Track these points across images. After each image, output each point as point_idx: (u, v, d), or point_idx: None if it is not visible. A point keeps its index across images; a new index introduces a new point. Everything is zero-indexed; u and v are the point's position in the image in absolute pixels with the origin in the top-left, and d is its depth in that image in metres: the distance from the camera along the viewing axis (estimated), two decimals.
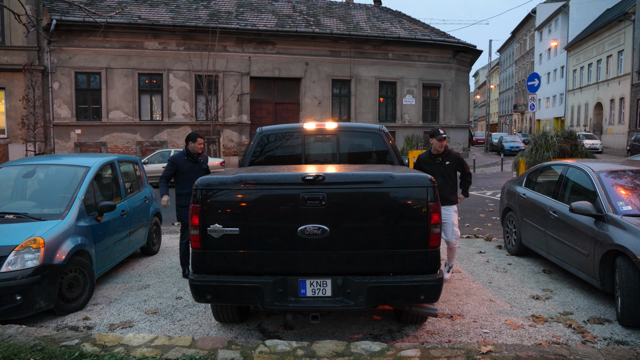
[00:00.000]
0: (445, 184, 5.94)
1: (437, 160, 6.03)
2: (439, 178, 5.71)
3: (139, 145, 21.28)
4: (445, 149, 6.09)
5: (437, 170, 5.90)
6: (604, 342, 4.38)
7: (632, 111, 32.38)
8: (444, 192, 5.79)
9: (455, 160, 6.10)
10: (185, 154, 6.33)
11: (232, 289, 3.75)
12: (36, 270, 4.72)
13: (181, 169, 6.26)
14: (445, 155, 6.06)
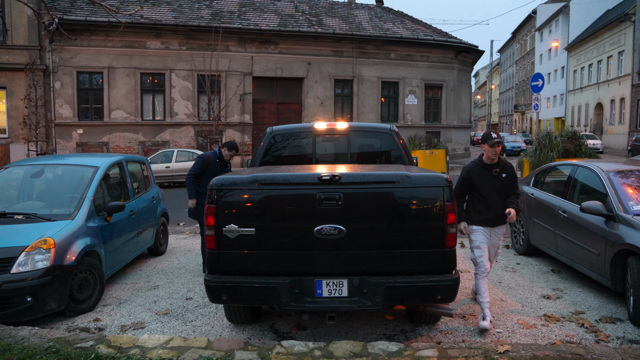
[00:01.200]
0: (500, 201, 4.84)
1: (493, 172, 4.84)
2: (494, 194, 4.80)
3: (141, 145, 21.26)
4: (500, 159, 4.94)
5: (492, 184, 4.82)
6: (617, 342, 4.37)
7: (633, 111, 32.38)
8: (495, 210, 4.80)
9: (512, 172, 4.96)
10: (216, 157, 6.45)
11: (248, 289, 3.73)
12: (47, 271, 4.70)
13: (209, 168, 6.30)
14: (501, 166, 4.91)
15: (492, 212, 4.83)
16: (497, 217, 4.88)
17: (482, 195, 4.82)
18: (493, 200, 4.83)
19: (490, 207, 4.83)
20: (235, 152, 6.46)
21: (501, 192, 4.87)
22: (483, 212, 4.83)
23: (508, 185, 4.90)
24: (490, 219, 4.86)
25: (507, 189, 4.88)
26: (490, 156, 4.85)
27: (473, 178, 4.89)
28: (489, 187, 4.84)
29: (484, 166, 4.93)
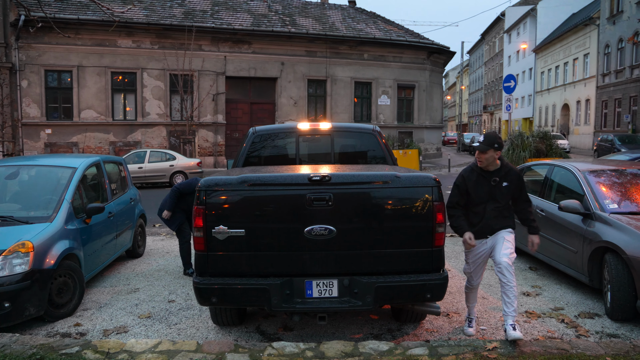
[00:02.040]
0: (497, 210, 4.29)
1: (493, 181, 4.29)
2: (490, 204, 4.27)
3: (112, 146, 20.83)
4: (503, 164, 4.34)
5: (489, 193, 4.29)
6: (596, 336, 4.50)
7: (598, 112, 33.42)
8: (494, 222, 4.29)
9: (516, 181, 4.36)
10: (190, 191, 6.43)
11: (238, 291, 3.70)
12: (26, 275, 4.56)
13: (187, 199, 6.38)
14: (503, 174, 4.31)
15: (483, 223, 4.32)
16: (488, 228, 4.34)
17: (476, 204, 4.33)
18: (486, 210, 4.31)
19: (482, 217, 4.32)
20: None
21: (499, 202, 4.32)
22: (475, 224, 4.34)
23: (507, 195, 4.34)
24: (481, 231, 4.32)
25: (507, 198, 4.35)
26: (489, 162, 4.30)
27: (468, 185, 4.35)
28: (485, 196, 4.30)
29: (480, 173, 4.35)
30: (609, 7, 31.46)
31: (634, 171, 6.09)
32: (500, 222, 4.35)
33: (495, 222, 4.34)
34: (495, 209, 4.33)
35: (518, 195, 4.44)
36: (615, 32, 30.58)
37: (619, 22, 30.18)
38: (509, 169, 4.40)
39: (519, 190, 4.43)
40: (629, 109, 29.04)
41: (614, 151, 22.09)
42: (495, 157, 4.29)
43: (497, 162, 4.34)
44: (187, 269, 6.49)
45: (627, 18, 29.05)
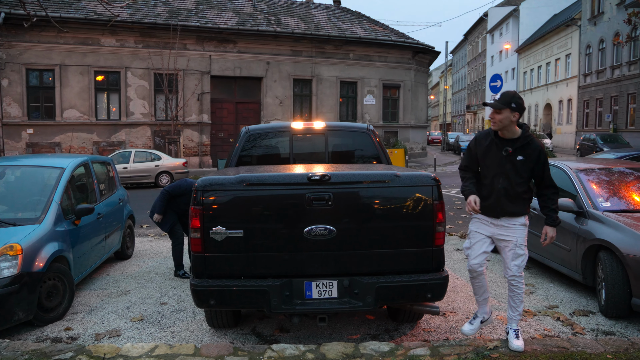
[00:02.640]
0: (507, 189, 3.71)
1: (504, 151, 3.69)
2: (499, 178, 3.71)
3: (95, 146, 20.52)
4: (524, 134, 3.71)
5: (498, 166, 3.72)
6: (592, 334, 4.52)
7: (580, 112, 33.91)
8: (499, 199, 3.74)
9: (536, 157, 3.70)
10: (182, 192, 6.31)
11: (237, 293, 3.63)
12: (14, 279, 4.42)
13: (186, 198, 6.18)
14: (520, 145, 3.68)
15: (493, 200, 3.74)
16: (498, 208, 3.75)
17: (484, 176, 3.84)
18: (495, 186, 3.74)
19: (491, 193, 3.76)
20: None
21: (511, 178, 3.70)
22: (485, 198, 3.81)
23: (521, 172, 3.68)
24: (490, 208, 3.77)
25: (521, 176, 3.69)
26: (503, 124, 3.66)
27: (477, 150, 3.85)
28: (494, 168, 3.73)
29: (494, 139, 3.76)
30: (590, 8, 31.93)
31: (623, 169, 6.15)
32: (512, 206, 3.72)
33: (506, 204, 3.73)
34: (507, 188, 3.71)
35: (540, 175, 3.75)
36: (596, 33, 31.06)
37: (599, 23, 30.65)
38: (529, 141, 3.69)
39: (540, 170, 3.73)
40: (610, 109, 29.52)
41: (596, 150, 22.42)
42: (513, 121, 3.63)
43: (517, 130, 3.69)
44: (178, 270, 6.39)
45: (607, 19, 29.51)
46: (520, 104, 3.66)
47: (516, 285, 3.84)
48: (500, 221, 3.82)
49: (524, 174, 3.72)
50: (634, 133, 26.12)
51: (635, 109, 26.90)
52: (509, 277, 3.84)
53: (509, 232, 3.79)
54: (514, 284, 3.84)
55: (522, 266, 3.83)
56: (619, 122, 28.37)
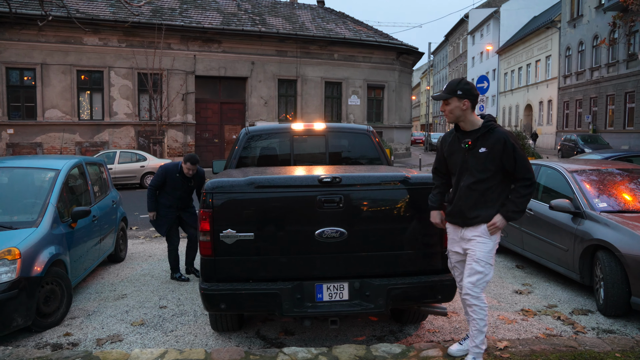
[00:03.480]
0: (469, 187, 3.35)
1: (463, 143, 3.37)
2: (464, 174, 3.37)
3: (78, 146, 20.16)
4: (487, 124, 3.33)
5: (462, 161, 3.39)
6: (593, 332, 4.59)
7: (560, 113, 34.51)
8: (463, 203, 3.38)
9: (501, 147, 3.25)
10: (177, 170, 6.07)
11: (248, 296, 3.59)
12: (13, 284, 4.31)
13: (169, 181, 6.08)
14: (480, 135, 3.31)
15: (457, 206, 3.40)
16: (461, 213, 3.38)
17: (453, 176, 3.53)
18: (459, 186, 3.39)
19: (455, 193, 3.43)
20: (195, 167, 6.02)
21: (475, 175, 3.32)
22: (450, 202, 3.53)
23: (486, 166, 3.28)
24: (455, 214, 3.43)
25: (486, 171, 3.29)
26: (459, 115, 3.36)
27: (444, 149, 3.55)
28: (459, 166, 3.39)
29: (456, 134, 3.46)
30: (569, 11, 32.52)
31: (616, 170, 6.27)
32: (476, 209, 3.31)
33: (468, 207, 3.33)
34: (470, 186, 3.31)
35: (511, 166, 3.26)
36: (575, 35, 31.63)
37: (579, 25, 31.22)
38: (490, 129, 3.29)
39: (511, 160, 3.25)
40: (589, 110, 30.09)
41: (577, 151, 22.83)
42: (465, 110, 3.31)
43: (477, 119, 3.36)
44: (174, 273, 6.30)
45: (587, 22, 30.09)
46: (467, 90, 3.32)
47: (471, 306, 3.33)
48: (465, 232, 3.43)
49: (490, 167, 3.28)
50: (613, 134, 26.68)
51: (614, 110, 27.48)
52: (466, 298, 3.36)
53: (470, 244, 3.39)
54: (468, 305, 3.35)
55: (480, 286, 3.31)
56: (598, 123, 28.94)
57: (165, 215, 6.19)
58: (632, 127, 25.58)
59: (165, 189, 6.11)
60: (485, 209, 3.31)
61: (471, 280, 3.30)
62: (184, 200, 6.18)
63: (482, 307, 3.33)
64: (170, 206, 6.14)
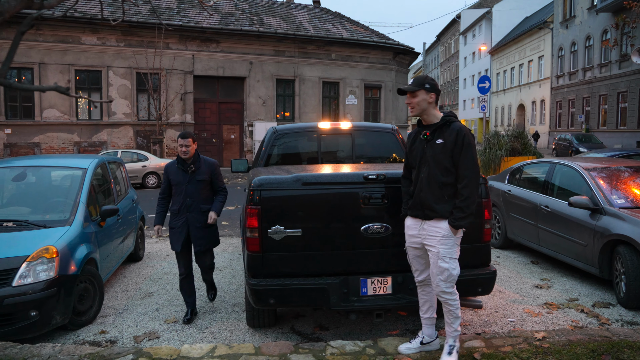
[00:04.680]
0: (428, 178, 3.40)
1: (423, 135, 3.47)
2: (423, 166, 3.44)
3: (76, 146, 20.07)
4: (446, 117, 3.46)
5: (421, 153, 3.46)
6: (617, 324, 4.73)
7: (552, 112, 34.91)
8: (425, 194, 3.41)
9: (454, 137, 3.35)
10: (176, 162, 4.93)
11: (297, 291, 3.68)
12: (52, 282, 4.35)
13: (172, 179, 4.91)
14: (438, 127, 3.42)
15: (418, 197, 3.44)
16: (422, 204, 3.42)
17: (413, 170, 3.58)
18: (419, 177, 3.44)
19: (415, 187, 3.48)
20: (186, 142, 4.76)
21: (431, 166, 3.39)
22: (411, 195, 3.55)
23: (442, 158, 3.36)
24: (416, 206, 3.47)
25: (440, 162, 3.37)
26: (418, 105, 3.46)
27: (407, 144, 3.65)
28: (419, 158, 3.46)
29: (418, 129, 3.57)
30: (561, 11, 32.91)
31: (629, 168, 6.42)
32: (433, 201, 3.38)
33: (427, 198, 3.39)
34: (428, 178, 3.39)
35: (456, 160, 3.35)
36: (568, 36, 32.02)
37: (571, 26, 31.62)
38: (448, 122, 3.42)
39: (457, 154, 3.34)
40: (582, 109, 30.49)
41: (572, 150, 23.15)
42: (431, 103, 3.43)
43: (438, 113, 3.48)
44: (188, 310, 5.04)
45: (579, 23, 30.48)
46: (434, 84, 3.47)
47: (446, 301, 3.46)
48: (425, 226, 3.47)
49: (444, 160, 3.37)
50: (606, 133, 27.07)
51: (606, 110, 27.87)
52: (439, 294, 3.47)
53: (432, 241, 3.43)
54: (443, 300, 3.47)
55: (450, 281, 3.42)
56: (591, 122, 29.33)
57: (174, 225, 4.94)
58: (625, 127, 25.98)
59: (173, 192, 4.99)
60: (442, 204, 3.40)
61: (441, 278, 3.42)
62: (192, 197, 4.82)
63: (455, 298, 3.48)
64: (178, 212, 4.88)
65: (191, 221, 4.82)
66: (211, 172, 4.91)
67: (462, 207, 3.33)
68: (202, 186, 4.85)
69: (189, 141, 4.75)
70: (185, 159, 4.81)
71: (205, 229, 4.86)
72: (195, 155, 4.88)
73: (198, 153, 4.92)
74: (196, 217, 4.83)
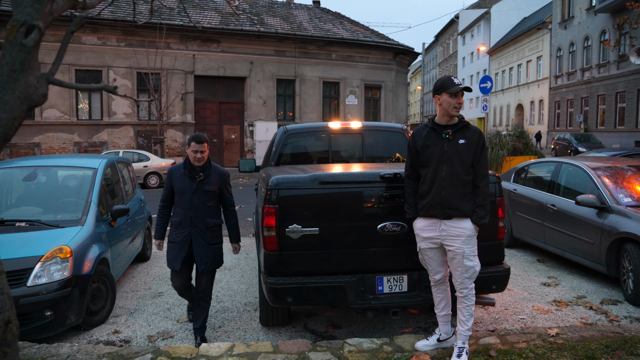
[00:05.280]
0: (452, 177, 3.41)
1: (445, 134, 3.46)
2: (443, 166, 3.42)
3: (76, 146, 20.06)
4: (463, 120, 3.53)
5: (441, 153, 3.44)
6: (626, 320, 4.78)
7: (551, 112, 35.02)
8: (448, 193, 3.41)
9: (475, 139, 3.47)
10: (182, 166, 4.37)
11: (314, 290, 3.71)
12: (67, 282, 4.37)
13: (175, 185, 4.33)
14: (459, 128, 3.48)
15: (438, 196, 3.42)
16: (441, 200, 3.42)
17: (425, 168, 3.53)
18: (439, 176, 3.43)
19: (433, 184, 3.46)
20: (202, 148, 4.20)
21: (455, 165, 3.41)
22: (424, 195, 3.52)
23: (465, 157, 3.42)
24: (434, 205, 3.45)
25: (464, 162, 3.42)
26: (449, 111, 3.45)
27: (417, 142, 3.55)
28: (437, 157, 3.44)
29: (433, 127, 3.54)
30: (560, 12, 33.02)
31: (633, 167, 6.46)
32: (457, 199, 3.40)
33: (451, 197, 3.40)
34: (452, 176, 3.40)
35: (477, 160, 3.46)
36: (567, 36, 32.13)
37: (570, 26, 31.72)
38: (467, 125, 3.52)
39: (479, 153, 3.46)
40: (580, 109, 30.59)
41: (571, 149, 23.23)
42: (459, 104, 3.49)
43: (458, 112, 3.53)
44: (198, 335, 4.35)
45: (577, 23, 30.59)
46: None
47: (466, 296, 3.51)
48: (445, 227, 3.46)
49: (467, 160, 3.44)
50: (604, 133, 27.17)
51: (605, 110, 27.97)
52: (462, 291, 3.49)
53: (456, 241, 3.44)
54: (464, 295, 3.50)
55: (474, 277, 3.51)
56: (589, 122, 29.44)
57: (174, 239, 4.33)
58: (623, 126, 26.09)
59: (175, 200, 4.39)
60: (466, 202, 3.44)
61: (466, 276, 3.48)
62: (197, 209, 4.24)
63: (473, 293, 3.54)
64: (179, 224, 4.30)
65: (195, 237, 4.22)
66: (221, 182, 4.34)
67: (484, 205, 3.45)
68: (209, 198, 4.28)
69: (204, 146, 4.19)
70: (197, 166, 4.25)
71: (211, 246, 4.28)
72: (207, 162, 4.29)
73: (209, 160, 4.35)
74: (201, 232, 4.23)
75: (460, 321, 3.53)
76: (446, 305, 3.70)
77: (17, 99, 1.96)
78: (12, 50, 1.98)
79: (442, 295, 3.68)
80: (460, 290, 3.52)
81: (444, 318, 3.71)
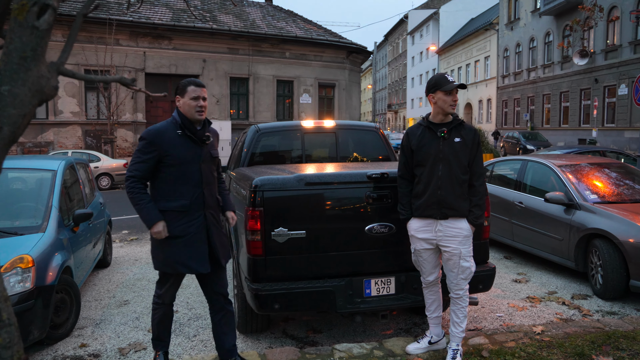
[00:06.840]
0: (449, 176, 3.37)
1: (441, 133, 3.40)
2: (439, 165, 3.36)
3: (20, 147, 18.96)
4: (458, 118, 3.50)
5: (437, 151, 3.38)
6: (598, 314, 4.90)
7: (499, 111, 36.21)
8: (445, 192, 3.36)
9: (470, 137, 3.44)
10: (177, 125, 3.22)
11: (303, 295, 3.56)
12: (29, 294, 4.03)
13: (173, 154, 3.17)
14: (454, 126, 3.44)
15: (434, 196, 3.37)
16: (437, 200, 3.36)
17: (420, 168, 3.46)
18: (436, 175, 3.37)
19: (429, 184, 3.39)
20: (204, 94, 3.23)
21: (451, 164, 3.37)
22: (420, 195, 3.45)
23: (461, 155, 3.38)
24: (430, 205, 3.39)
25: (461, 160, 3.38)
26: (445, 109, 3.39)
27: (411, 142, 3.48)
28: (433, 156, 3.39)
29: (427, 126, 3.47)
30: (506, 14, 34.16)
31: (596, 165, 6.68)
32: (454, 199, 3.37)
33: (448, 196, 3.36)
34: (449, 175, 3.36)
35: (472, 159, 3.44)
36: (513, 37, 33.28)
37: (516, 28, 32.88)
38: (462, 123, 3.48)
39: (474, 152, 3.45)
40: (527, 108, 31.77)
41: (519, 147, 24.06)
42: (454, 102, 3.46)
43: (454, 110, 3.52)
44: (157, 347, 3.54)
45: (523, 25, 31.74)
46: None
47: (461, 297, 3.48)
48: (441, 227, 3.43)
49: (463, 158, 3.40)
50: (549, 131, 28.33)
51: (550, 109, 29.17)
52: (458, 292, 3.46)
53: (453, 242, 3.41)
54: (458, 296, 3.48)
55: (469, 279, 3.49)
56: (535, 121, 30.62)
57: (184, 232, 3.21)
58: (567, 125, 27.28)
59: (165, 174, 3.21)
60: (462, 202, 3.42)
61: (463, 277, 3.45)
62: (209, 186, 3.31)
63: (468, 294, 3.53)
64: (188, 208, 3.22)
65: (211, 222, 3.27)
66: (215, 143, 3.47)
67: (481, 205, 3.46)
68: (214, 166, 3.42)
69: (205, 92, 3.24)
70: (198, 121, 3.23)
71: (224, 232, 3.45)
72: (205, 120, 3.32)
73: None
74: (215, 215, 3.34)
75: (454, 323, 3.49)
76: (438, 307, 3.66)
77: (27, 91, 1.67)
78: (23, 34, 1.66)
79: (434, 297, 3.63)
80: (455, 291, 3.48)
81: (435, 320, 3.67)
